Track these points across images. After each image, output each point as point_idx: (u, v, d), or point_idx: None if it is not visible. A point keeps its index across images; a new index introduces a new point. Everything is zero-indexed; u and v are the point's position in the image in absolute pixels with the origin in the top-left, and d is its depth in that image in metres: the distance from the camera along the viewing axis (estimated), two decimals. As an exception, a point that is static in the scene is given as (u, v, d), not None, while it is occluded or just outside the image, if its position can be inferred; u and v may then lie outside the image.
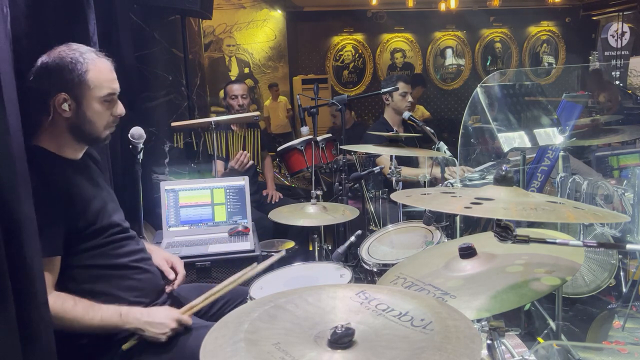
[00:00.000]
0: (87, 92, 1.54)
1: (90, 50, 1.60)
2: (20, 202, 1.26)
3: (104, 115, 1.60)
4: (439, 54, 8.83)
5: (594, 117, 3.26)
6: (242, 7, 7.66)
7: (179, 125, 3.00)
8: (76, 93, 1.53)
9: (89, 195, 1.61)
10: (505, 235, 1.05)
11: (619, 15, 8.27)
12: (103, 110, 1.59)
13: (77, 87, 1.53)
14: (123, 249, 1.68)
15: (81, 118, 1.56)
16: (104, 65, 1.59)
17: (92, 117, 1.57)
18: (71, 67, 1.52)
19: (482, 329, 1.32)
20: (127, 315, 1.56)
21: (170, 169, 3.33)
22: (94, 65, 1.56)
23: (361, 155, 3.94)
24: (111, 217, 1.66)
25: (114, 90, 1.61)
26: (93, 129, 1.59)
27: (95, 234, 1.59)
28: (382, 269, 2.02)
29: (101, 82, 1.56)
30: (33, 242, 1.31)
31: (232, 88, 3.63)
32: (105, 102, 1.59)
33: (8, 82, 1.26)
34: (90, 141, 1.65)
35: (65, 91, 1.52)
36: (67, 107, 1.53)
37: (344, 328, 0.83)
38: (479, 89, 2.56)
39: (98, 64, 1.57)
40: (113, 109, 1.62)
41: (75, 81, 1.52)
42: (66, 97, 1.52)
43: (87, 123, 1.57)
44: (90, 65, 1.55)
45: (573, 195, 2.59)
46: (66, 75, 1.52)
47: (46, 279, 1.42)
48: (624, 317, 2.36)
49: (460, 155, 3.16)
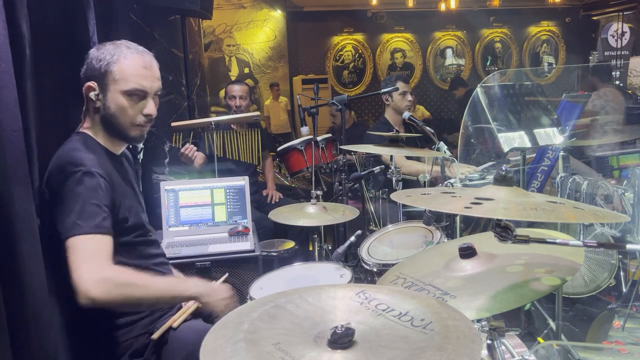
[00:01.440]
0: (112, 83, 1.53)
1: (132, 45, 1.59)
2: (12, 201, 1.26)
3: (129, 111, 1.56)
4: (439, 54, 8.83)
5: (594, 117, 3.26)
6: (242, 7, 7.66)
7: (179, 125, 3.00)
8: (102, 83, 1.54)
9: (125, 191, 1.61)
10: (505, 235, 1.04)
11: (619, 15, 8.28)
12: (128, 106, 1.55)
13: (103, 76, 1.53)
14: (147, 251, 1.67)
15: (107, 110, 1.55)
16: (137, 60, 1.56)
17: (116, 111, 1.55)
18: (101, 56, 1.53)
19: (482, 329, 1.32)
20: (187, 281, 1.58)
21: (170, 169, 3.33)
22: (124, 58, 1.54)
23: (361, 155, 3.94)
24: (140, 217, 1.66)
25: (141, 87, 1.56)
26: (119, 124, 1.57)
27: (125, 232, 1.58)
28: (382, 269, 2.02)
29: (127, 75, 1.54)
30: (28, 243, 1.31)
31: (232, 88, 3.62)
32: (132, 97, 1.55)
33: (7, 82, 1.26)
34: (120, 137, 1.62)
35: (94, 80, 1.54)
36: (95, 96, 1.55)
37: (344, 328, 0.83)
38: (479, 89, 2.56)
39: (130, 56, 1.55)
40: (142, 108, 1.58)
41: (102, 70, 1.53)
42: (93, 85, 1.54)
43: (112, 117, 1.56)
44: (119, 57, 1.53)
45: (573, 195, 2.59)
46: (95, 64, 1.53)
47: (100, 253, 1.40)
48: (624, 317, 2.36)
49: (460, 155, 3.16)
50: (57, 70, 1.73)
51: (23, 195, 1.30)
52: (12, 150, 1.27)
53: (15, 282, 1.29)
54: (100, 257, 1.40)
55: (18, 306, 1.29)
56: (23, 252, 1.29)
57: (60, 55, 1.76)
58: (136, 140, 1.64)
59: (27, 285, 1.31)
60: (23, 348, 1.29)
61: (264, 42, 7.85)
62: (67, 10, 1.81)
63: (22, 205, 1.29)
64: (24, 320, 1.30)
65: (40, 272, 1.36)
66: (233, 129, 3.33)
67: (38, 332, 1.34)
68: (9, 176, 1.26)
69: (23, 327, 1.30)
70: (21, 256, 1.29)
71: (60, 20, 1.77)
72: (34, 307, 1.32)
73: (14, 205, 1.27)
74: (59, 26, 1.77)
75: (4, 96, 1.25)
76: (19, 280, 1.29)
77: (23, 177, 1.32)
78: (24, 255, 1.29)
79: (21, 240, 1.29)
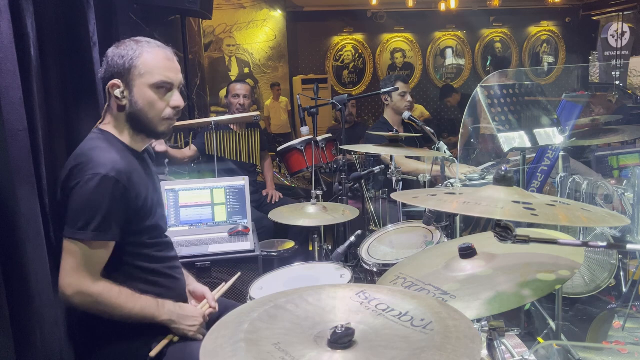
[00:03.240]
0: (138, 78, 1.52)
1: (152, 41, 1.58)
2: (17, 201, 1.26)
3: (158, 105, 1.55)
4: (439, 54, 8.83)
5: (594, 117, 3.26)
6: (242, 7, 7.66)
7: (179, 125, 3.00)
8: (127, 79, 1.52)
9: (148, 189, 1.60)
10: (505, 235, 1.05)
11: (619, 15, 8.28)
12: (156, 100, 1.54)
13: (128, 72, 1.51)
14: (162, 253, 1.66)
15: (134, 106, 1.54)
16: (159, 53, 1.55)
17: (145, 106, 1.54)
18: (123, 53, 1.52)
19: (482, 329, 1.32)
20: (163, 306, 1.57)
21: (170, 169, 3.33)
22: (147, 52, 1.53)
23: (361, 155, 3.94)
24: (159, 217, 1.65)
25: (168, 79, 1.55)
26: (148, 119, 1.56)
27: (144, 231, 1.58)
28: (382, 269, 2.02)
29: (152, 68, 1.53)
30: (33, 243, 1.31)
31: (235, 87, 3.62)
32: (159, 90, 1.54)
33: (13, 82, 1.26)
34: (147, 133, 1.61)
35: (118, 77, 1.52)
36: (120, 93, 1.53)
37: (344, 328, 0.83)
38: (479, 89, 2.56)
39: (152, 50, 1.54)
40: (170, 100, 1.57)
41: (126, 66, 1.51)
42: (118, 83, 1.52)
43: (140, 112, 1.54)
44: (141, 51, 1.52)
45: (573, 195, 2.59)
46: (118, 61, 1.51)
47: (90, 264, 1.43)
48: (624, 317, 2.36)
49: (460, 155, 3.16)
50: (58, 70, 1.73)
51: (28, 195, 1.31)
52: (17, 150, 1.27)
53: (20, 281, 1.29)
54: (91, 268, 1.44)
55: (23, 306, 1.29)
56: (28, 251, 1.29)
57: (61, 55, 1.77)
58: (165, 134, 1.63)
59: (32, 285, 1.31)
60: (28, 347, 1.30)
61: (264, 42, 7.85)
62: (68, 10, 1.81)
63: (27, 205, 1.30)
64: (28, 320, 1.31)
65: (45, 272, 1.36)
66: (232, 130, 3.33)
67: (43, 332, 1.34)
68: (14, 176, 1.26)
69: (28, 327, 1.30)
70: (26, 256, 1.29)
71: (61, 20, 1.78)
72: (39, 306, 1.32)
73: (18, 205, 1.27)
74: (60, 26, 1.77)
75: (9, 96, 1.26)
76: (24, 280, 1.29)
77: (28, 176, 1.32)
78: (29, 255, 1.29)
79: (26, 240, 1.29)
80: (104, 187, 1.43)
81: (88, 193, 1.42)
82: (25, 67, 1.38)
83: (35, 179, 1.36)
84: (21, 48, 1.35)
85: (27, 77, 1.40)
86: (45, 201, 1.46)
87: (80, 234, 1.41)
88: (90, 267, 1.43)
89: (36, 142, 1.42)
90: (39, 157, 1.44)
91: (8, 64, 1.26)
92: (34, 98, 1.42)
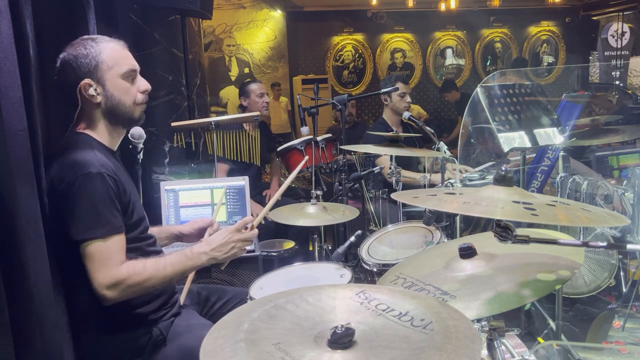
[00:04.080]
0: (108, 72, 1.57)
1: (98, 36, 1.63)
2: (17, 202, 1.26)
3: (131, 92, 1.62)
4: (439, 54, 8.83)
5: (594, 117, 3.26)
6: (242, 7, 7.66)
7: (179, 125, 3.00)
8: (98, 76, 1.56)
9: (129, 184, 1.64)
10: (505, 235, 1.05)
11: (619, 15, 8.27)
12: (129, 87, 1.61)
13: (96, 69, 1.56)
14: (152, 247, 1.70)
15: (111, 99, 1.59)
16: (116, 45, 1.61)
17: (120, 96, 1.60)
18: (85, 52, 1.55)
19: (482, 329, 1.32)
20: (192, 254, 1.60)
21: (170, 169, 3.33)
22: (106, 46, 1.58)
23: (361, 155, 3.94)
24: (141, 213, 1.68)
25: (133, 67, 1.63)
26: (125, 108, 1.62)
27: (135, 225, 1.62)
28: (382, 269, 2.02)
29: (117, 59, 1.59)
30: (33, 243, 1.31)
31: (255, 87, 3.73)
32: (128, 79, 1.61)
33: (12, 82, 1.26)
34: (125, 122, 1.67)
35: (88, 77, 1.55)
36: (94, 91, 1.56)
37: (344, 328, 0.83)
38: (479, 89, 2.56)
39: (109, 44, 1.60)
40: (139, 86, 1.64)
41: (93, 64, 1.55)
42: (90, 82, 1.56)
43: (118, 103, 1.60)
44: (102, 47, 1.57)
45: (573, 195, 2.59)
46: (83, 61, 1.55)
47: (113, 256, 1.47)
48: (624, 317, 2.36)
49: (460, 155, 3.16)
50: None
51: (28, 195, 1.30)
52: (17, 150, 1.27)
53: (20, 282, 1.29)
54: (114, 260, 1.47)
55: (22, 306, 1.29)
56: (28, 252, 1.29)
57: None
58: (141, 119, 1.69)
59: (32, 285, 1.31)
60: (27, 348, 1.30)
61: (264, 42, 7.84)
62: (67, 10, 1.81)
63: (27, 205, 1.29)
64: (28, 321, 1.30)
65: (45, 272, 1.36)
66: (245, 129, 3.34)
67: (43, 333, 1.34)
68: (14, 176, 1.26)
69: (27, 328, 1.30)
70: (26, 256, 1.28)
71: (61, 20, 1.77)
72: (39, 307, 1.32)
73: (19, 205, 1.27)
74: (60, 26, 1.77)
75: (9, 96, 1.25)
76: (24, 281, 1.29)
77: (28, 177, 1.32)
78: (29, 256, 1.29)
79: (26, 241, 1.29)
80: (99, 184, 1.47)
81: (85, 192, 1.45)
82: (25, 67, 1.38)
83: (35, 178, 1.36)
84: (21, 48, 1.35)
85: (27, 77, 1.39)
86: (45, 201, 1.46)
87: (92, 233, 1.45)
88: (111, 260, 1.47)
89: (36, 142, 1.41)
90: (39, 157, 1.44)
91: (8, 64, 1.26)
92: (34, 98, 1.42)
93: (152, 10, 3.31)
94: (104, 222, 1.46)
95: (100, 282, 1.44)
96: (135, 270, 1.49)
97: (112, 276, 1.45)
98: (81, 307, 1.54)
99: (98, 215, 1.46)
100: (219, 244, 1.65)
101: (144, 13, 3.26)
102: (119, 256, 1.49)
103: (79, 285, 1.50)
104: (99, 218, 1.46)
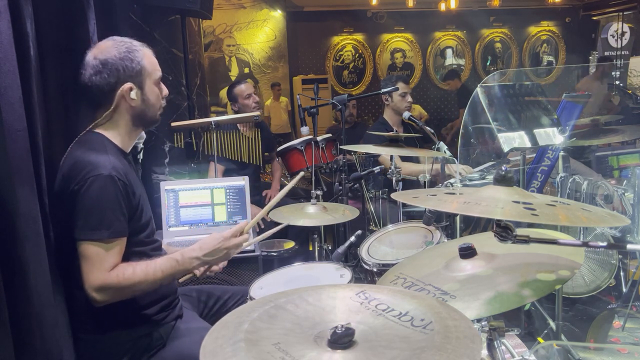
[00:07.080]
0: (147, 77, 1.63)
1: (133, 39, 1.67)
2: (16, 201, 1.26)
3: (159, 97, 1.70)
4: (439, 54, 8.84)
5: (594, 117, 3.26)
6: (242, 7, 7.66)
7: (179, 125, 3.00)
8: (139, 80, 1.62)
9: (138, 188, 1.64)
10: (505, 235, 1.04)
11: (619, 15, 8.28)
12: (158, 93, 1.69)
13: (139, 74, 1.61)
14: (157, 252, 1.70)
15: (146, 103, 1.65)
16: (150, 52, 1.68)
17: (154, 100, 1.67)
18: (131, 56, 1.59)
19: (482, 329, 1.32)
20: (184, 259, 1.59)
21: (170, 169, 3.33)
22: (146, 52, 1.65)
23: (361, 155, 3.93)
24: (149, 215, 1.69)
25: (161, 74, 1.70)
26: (153, 111, 1.69)
27: (141, 229, 1.62)
28: (382, 269, 2.02)
29: (154, 65, 1.66)
30: (32, 243, 1.30)
31: (241, 88, 3.65)
32: (159, 85, 1.69)
33: (12, 82, 1.26)
34: (148, 124, 1.74)
35: (130, 80, 1.59)
36: (135, 94, 1.60)
37: (344, 328, 0.83)
38: (479, 89, 2.56)
39: (147, 50, 1.66)
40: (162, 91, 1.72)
41: (137, 69, 1.60)
42: (132, 86, 1.60)
43: (150, 107, 1.66)
44: (143, 52, 1.64)
45: (573, 195, 2.59)
46: (128, 65, 1.59)
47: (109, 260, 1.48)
48: (624, 317, 2.36)
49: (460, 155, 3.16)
50: (58, 71, 1.73)
51: (27, 195, 1.30)
52: (16, 150, 1.27)
53: (19, 282, 1.29)
54: (108, 263, 1.47)
55: (22, 306, 1.28)
56: (27, 252, 1.29)
57: (61, 55, 1.76)
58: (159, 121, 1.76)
59: (32, 286, 1.30)
60: (27, 348, 1.29)
61: (264, 42, 7.85)
62: (67, 10, 1.81)
63: (26, 205, 1.29)
64: (27, 321, 1.30)
65: (44, 272, 1.36)
66: (239, 130, 3.33)
67: (43, 333, 1.34)
68: (14, 176, 1.26)
69: (27, 328, 1.30)
70: (25, 256, 1.28)
71: (61, 20, 1.77)
72: (38, 307, 1.32)
73: (18, 205, 1.27)
74: (59, 26, 1.76)
75: (8, 96, 1.25)
76: (23, 281, 1.29)
77: (27, 177, 1.31)
78: (28, 255, 1.29)
79: (25, 240, 1.28)
80: (109, 186, 1.48)
81: (94, 194, 1.46)
82: (24, 67, 1.38)
83: (35, 178, 1.36)
84: (20, 48, 1.35)
85: (27, 77, 1.39)
86: (45, 201, 1.46)
87: (94, 234, 1.45)
88: (106, 263, 1.47)
89: (35, 142, 1.42)
90: (39, 157, 1.44)
91: (7, 64, 1.26)
92: (33, 98, 1.42)
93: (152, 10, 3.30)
94: (107, 225, 1.47)
95: (91, 283, 1.45)
96: (124, 276, 1.49)
97: (102, 279, 1.45)
98: (81, 307, 1.54)
99: (103, 218, 1.46)
100: (212, 249, 1.63)
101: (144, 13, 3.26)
102: (114, 260, 1.49)
103: (78, 286, 1.50)
104: (103, 220, 1.46)
